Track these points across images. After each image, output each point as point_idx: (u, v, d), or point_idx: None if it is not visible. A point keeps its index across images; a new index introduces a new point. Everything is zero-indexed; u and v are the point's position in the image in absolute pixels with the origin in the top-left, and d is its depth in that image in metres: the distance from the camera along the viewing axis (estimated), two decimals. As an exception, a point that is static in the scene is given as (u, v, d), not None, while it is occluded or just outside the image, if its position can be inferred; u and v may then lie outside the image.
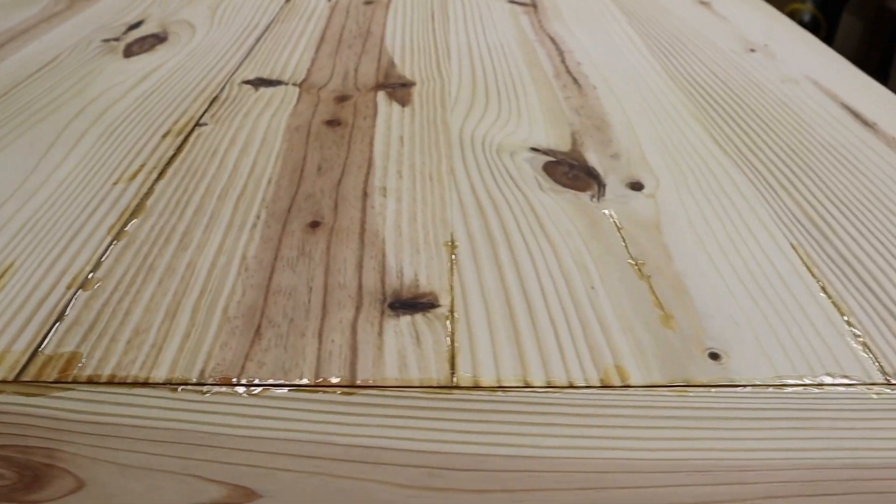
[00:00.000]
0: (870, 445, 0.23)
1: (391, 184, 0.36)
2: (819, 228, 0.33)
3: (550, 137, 0.40)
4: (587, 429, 0.24)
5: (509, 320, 0.28)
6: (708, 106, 0.44)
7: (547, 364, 0.26)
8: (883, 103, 0.45)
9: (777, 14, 0.60)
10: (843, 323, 0.28)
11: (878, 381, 0.25)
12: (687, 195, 0.35)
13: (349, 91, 0.45)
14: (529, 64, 0.49)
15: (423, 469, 0.23)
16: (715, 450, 0.23)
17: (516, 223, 0.33)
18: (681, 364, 0.26)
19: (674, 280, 0.30)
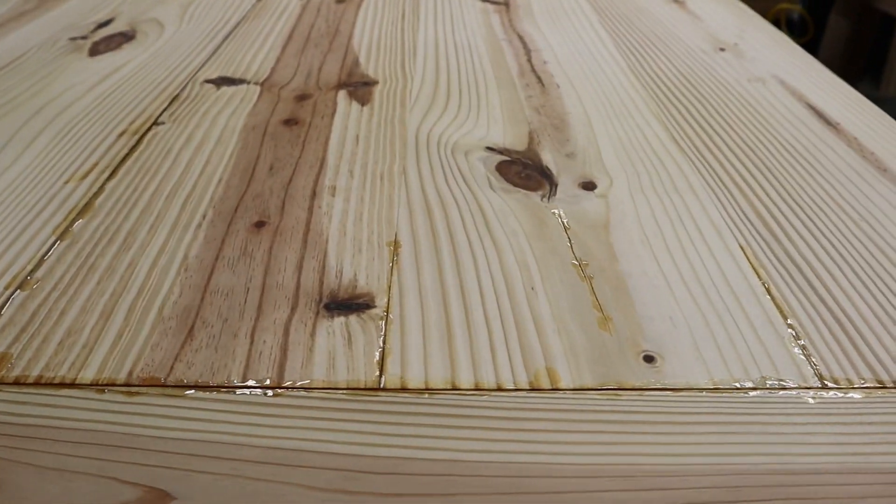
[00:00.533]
0: (799, 451, 0.23)
1: (341, 183, 0.36)
2: (770, 229, 0.33)
3: (507, 137, 0.40)
4: (510, 432, 0.23)
5: (444, 322, 0.27)
6: (671, 105, 0.44)
7: (477, 366, 0.26)
8: (849, 104, 0.44)
9: (750, 13, 0.59)
10: (785, 326, 0.27)
11: (815, 386, 0.25)
12: (639, 195, 0.35)
13: (310, 90, 0.45)
14: (495, 63, 0.49)
15: (341, 472, 0.22)
16: (639, 454, 0.23)
17: (462, 223, 0.33)
18: (614, 367, 0.25)
19: (616, 281, 0.29)
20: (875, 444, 0.23)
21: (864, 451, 0.23)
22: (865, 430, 0.24)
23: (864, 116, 0.43)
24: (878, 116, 0.43)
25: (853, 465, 0.23)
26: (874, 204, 0.35)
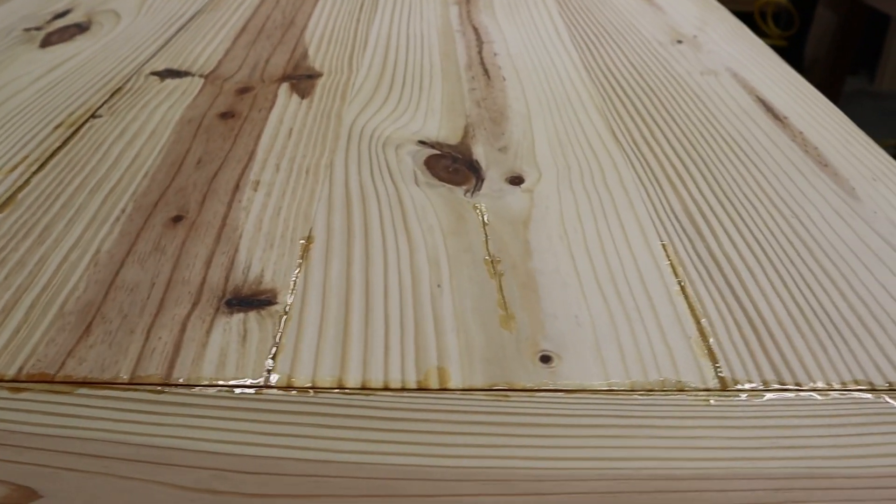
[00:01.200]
0: (685, 455, 0.22)
1: (266, 177, 0.35)
2: (696, 225, 0.32)
3: (442, 130, 0.39)
4: (390, 433, 0.23)
5: (343, 319, 0.27)
6: (617, 98, 0.43)
7: (368, 365, 0.25)
8: (801, 98, 0.43)
9: (715, 5, 0.58)
10: (695, 326, 0.27)
11: (714, 388, 0.24)
12: (567, 190, 0.34)
13: (253, 83, 0.44)
14: (444, 55, 0.48)
15: (211, 471, 0.22)
16: (518, 458, 0.22)
17: (380, 218, 0.32)
18: (507, 367, 0.25)
19: (526, 278, 0.29)
20: (764, 449, 0.22)
21: (753, 456, 0.22)
22: (757, 434, 0.23)
23: (814, 110, 0.42)
24: (829, 111, 0.42)
25: (739, 470, 0.22)
26: (808, 199, 0.34)
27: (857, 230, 0.32)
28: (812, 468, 0.22)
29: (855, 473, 0.22)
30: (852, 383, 0.25)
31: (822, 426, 0.23)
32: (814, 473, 0.22)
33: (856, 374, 0.25)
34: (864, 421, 0.24)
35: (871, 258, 0.31)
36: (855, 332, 0.27)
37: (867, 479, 0.22)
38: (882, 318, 0.28)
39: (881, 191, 0.35)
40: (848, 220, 0.33)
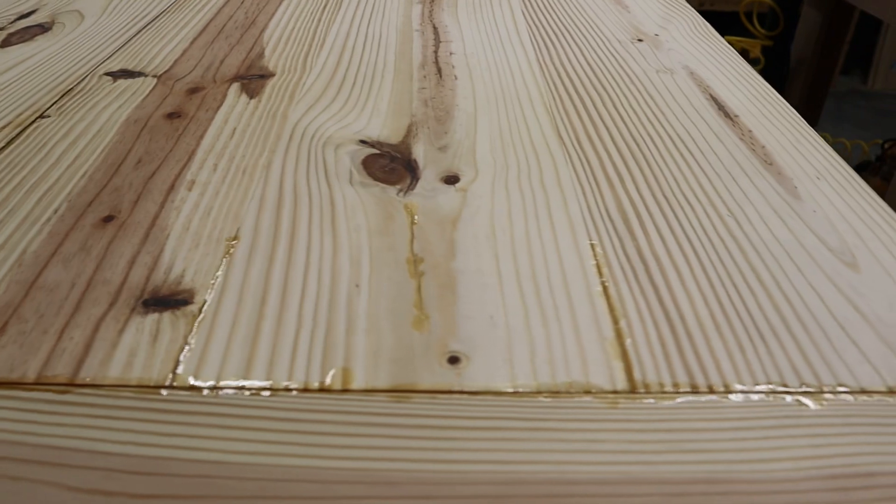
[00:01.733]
0: (583, 458, 0.22)
1: (202, 177, 0.35)
2: (629, 225, 0.32)
3: (385, 129, 0.39)
4: (286, 434, 0.22)
5: (255, 319, 0.27)
6: (567, 97, 0.42)
7: (274, 365, 0.25)
8: (755, 96, 0.43)
9: (682, 4, 0.58)
10: (612, 327, 0.26)
11: (623, 391, 0.24)
12: (501, 189, 0.34)
13: (205, 83, 0.44)
14: (400, 54, 0.48)
15: (102, 472, 0.22)
16: (409, 460, 0.22)
17: (309, 218, 0.32)
18: (413, 368, 0.25)
19: (446, 278, 0.28)
20: (666, 453, 0.22)
21: (653, 460, 0.22)
22: (661, 438, 0.22)
23: (767, 109, 0.41)
24: (782, 110, 0.41)
25: (636, 474, 0.21)
26: (748, 198, 0.34)
27: (793, 229, 0.32)
28: (712, 472, 0.21)
29: (756, 478, 0.21)
30: (766, 386, 0.24)
31: (728, 429, 0.23)
32: (713, 478, 0.21)
33: (771, 377, 0.25)
34: (773, 424, 0.23)
35: (804, 258, 0.30)
36: (776, 334, 0.26)
37: (768, 483, 0.21)
38: (806, 319, 0.27)
39: (824, 189, 0.35)
40: (785, 220, 0.32)
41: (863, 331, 0.27)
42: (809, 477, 0.22)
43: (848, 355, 0.26)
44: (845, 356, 0.26)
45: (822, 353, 0.26)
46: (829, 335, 0.27)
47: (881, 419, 0.24)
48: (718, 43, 0.50)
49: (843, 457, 0.22)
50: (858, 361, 0.26)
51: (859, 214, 0.33)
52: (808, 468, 0.22)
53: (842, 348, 0.26)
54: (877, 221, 0.33)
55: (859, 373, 0.25)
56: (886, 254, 0.31)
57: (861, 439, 0.23)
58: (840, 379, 0.25)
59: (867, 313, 0.28)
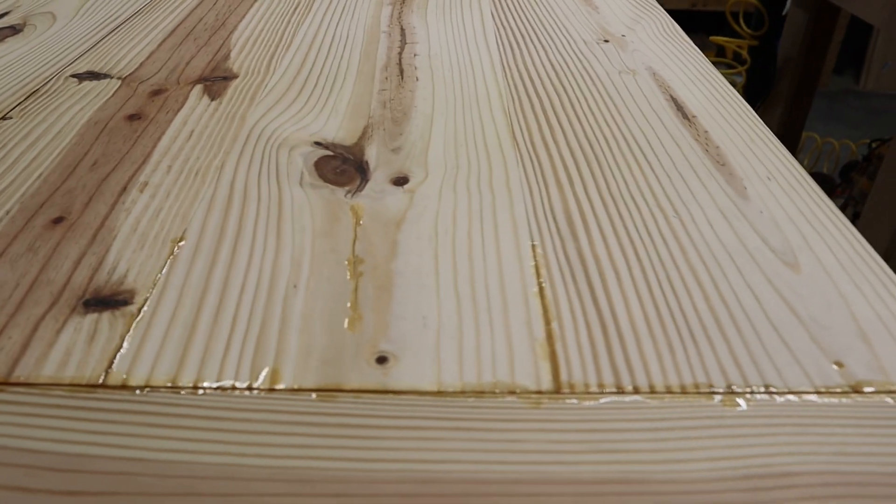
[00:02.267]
0: (501, 458, 0.22)
1: (155, 179, 0.35)
2: (573, 227, 0.32)
3: (341, 131, 0.39)
4: (208, 432, 0.23)
5: (192, 319, 0.27)
6: (527, 99, 0.42)
7: (205, 365, 0.25)
8: (715, 98, 0.43)
9: (652, 5, 0.58)
10: (543, 328, 0.26)
11: (547, 391, 0.24)
12: (449, 191, 0.34)
13: (168, 85, 0.44)
14: (365, 56, 0.48)
15: (24, 469, 0.22)
16: (326, 458, 0.22)
17: (255, 219, 0.32)
18: (342, 368, 0.25)
19: (384, 279, 0.29)
20: (584, 453, 0.22)
21: (571, 460, 0.22)
22: (580, 438, 0.23)
23: (726, 110, 0.41)
24: (741, 111, 0.41)
25: (552, 474, 0.22)
26: (695, 199, 0.34)
27: (737, 230, 0.32)
28: (627, 472, 0.22)
29: (671, 478, 0.22)
30: (692, 387, 0.25)
31: (649, 430, 0.23)
32: (628, 478, 0.22)
33: (698, 378, 0.25)
34: (695, 424, 0.23)
35: (745, 259, 0.30)
36: (708, 335, 0.26)
37: (683, 484, 0.21)
38: (740, 320, 0.27)
39: (773, 190, 0.35)
40: (731, 220, 0.33)
41: (796, 332, 0.27)
42: (725, 477, 0.22)
43: (778, 357, 0.26)
44: (776, 357, 0.26)
45: (753, 355, 0.26)
46: (761, 336, 0.27)
47: (804, 420, 0.24)
48: (684, 44, 0.50)
49: (761, 457, 0.22)
50: (788, 363, 0.26)
51: (806, 216, 0.33)
52: (725, 469, 0.22)
53: (773, 349, 0.26)
54: (823, 223, 0.33)
55: (788, 374, 0.25)
56: (829, 255, 0.31)
57: (782, 440, 0.23)
58: (767, 380, 0.25)
59: (802, 315, 0.28)
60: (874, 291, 0.29)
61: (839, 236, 0.32)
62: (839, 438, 0.23)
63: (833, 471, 0.22)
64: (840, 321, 0.27)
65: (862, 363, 0.26)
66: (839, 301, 0.28)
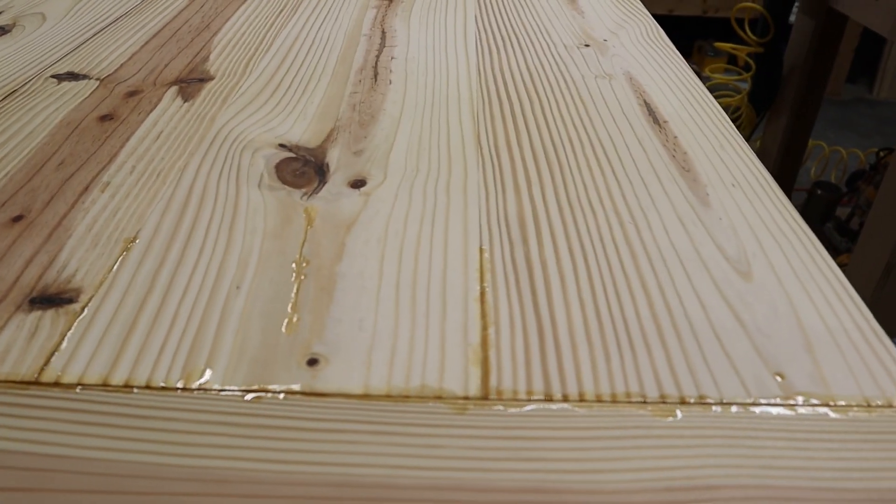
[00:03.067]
0: (419, 464, 0.22)
1: (118, 179, 0.36)
2: (524, 231, 0.31)
3: (307, 134, 0.39)
4: (132, 430, 0.23)
5: (132, 318, 0.27)
6: (497, 103, 0.42)
7: (139, 363, 0.25)
8: (690, 103, 0.42)
9: (640, 10, 0.57)
10: (479, 334, 0.26)
11: (475, 397, 0.24)
12: (405, 194, 0.34)
13: (145, 86, 0.45)
14: (342, 59, 0.48)
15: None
16: (245, 459, 0.22)
17: (209, 220, 0.32)
18: (272, 369, 0.25)
19: (327, 281, 0.29)
20: (504, 461, 0.22)
21: (489, 467, 0.22)
22: (502, 445, 0.22)
23: (699, 116, 0.41)
24: (715, 117, 0.41)
25: (469, 481, 0.21)
26: (654, 205, 0.33)
27: (693, 237, 0.31)
28: (544, 481, 0.21)
29: (589, 488, 0.21)
30: (623, 396, 0.24)
31: (573, 438, 0.23)
32: (543, 487, 0.21)
33: (631, 387, 0.24)
34: (622, 434, 0.23)
35: (697, 266, 0.30)
36: (647, 343, 0.26)
37: (600, 495, 0.21)
38: (682, 328, 0.27)
39: (736, 197, 0.34)
40: (688, 227, 0.32)
41: (739, 341, 0.26)
42: (646, 489, 0.21)
43: (717, 366, 0.25)
44: (714, 367, 0.25)
45: (690, 364, 0.25)
46: (702, 345, 0.26)
47: (736, 432, 0.23)
48: (666, 49, 0.49)
49: (686, 469, 0.22)
50: (726, 372, 0.25)
51: (766, 223, 0.33)
52: (647, 480, 0.22)
53: (712, 359, 0.26)
54: (783, 230, 0.32)
55: (724, 384, 0.25)
56: (784, 264, 0.30)
57: (709, 451, 0.23)
58: (702, 390, 0.25)
59: (748, 323, 0.27)
60: (826, 301, 0.29)
61: (798, 244, 0.31)
62: (770, 451, 0.23)
63: (758, 485, 0.22)
64: (786, 331, 0.27)
65: (804, 374, 0.25)
66: (788, 310, 0.28)
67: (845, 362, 0.26)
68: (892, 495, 0.22)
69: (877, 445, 0.23)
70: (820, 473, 0.22)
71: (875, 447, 0.23)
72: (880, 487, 0.22)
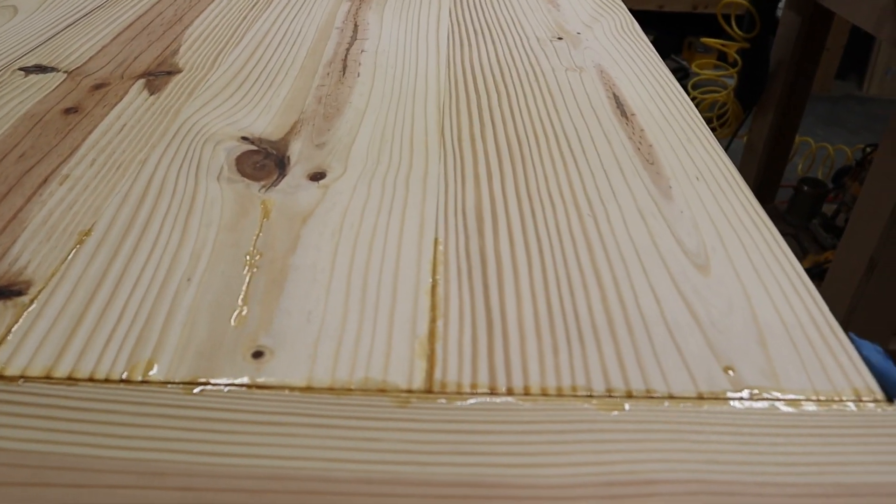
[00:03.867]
0: (355, 457, 0.21)
1: (77, 172, 0.35)
2: (481, 224, 0.31)
3: (271, 126, 0.39)
4: (67, 423, 0.22)
5: (81, 311, 0.27)
6: (463, 96, 0.42)
7: (83, 357, 0.25)
8: (659, 96, 0.42)
9: (615, 3, 0.57)
10: (427, 326, 0.26)
11: (418, 390, 0.24)
12: (363, 187, 0.33)
13: (112, 79, 0.45)
14: (312, 51, 0.48)
15: None
16: (181, 452, 0.22)
17: (166, 213, 0.32)
18: (217, 361, 0.24)
19: (279, 274, 0.28)
20: (443, 454, 0.22)
21: (428, 461, 0.22)
22: (443, 439, 0.22)
23: (668, 109, 0.41)
24: (683, 110, 0.41)
25: (405, 475, 0.21)
26: (615, 198, 0.33)
27: (652, 230, 0.31)
28: (482, 476, 0.21)
29: (526, 482, 0.21)
30: (569, 389, 0.24)
31: (515, 433, 0.22)
32: (480, 481, 0.21)
33: (577, 380, 0.24)
34: (564, 428, 0.23)
35: (654, 260, 0.30)
36: (597, 337, 0.26)
37: (537, 489, 0.21)
38: (635, 322, 0.27)
39: (699, 190, 0.34)
40: (648, 220, 0.32)
41: (691, 335, 0.26)
42: (585, 483, 0.21)
43: (667, 360, 0.25)
44: (664, 361, 0.25)
45: (640, 358, 0.25)
46: (653, 339, 0.26)
47: (681, 426, 0.23)
48: (639, 42, 0.49)
49: (627, 463, 0.22)
50: (676, 367, 0.25)
51: (728, 216, 0.32)
52: (588, 474, 0.21)
53: (662, 353, 0.25)
54: (744, 224, 0.32)
55: (673, 378, 0.25)
56: (744, 257, 0.30)
57: (653, 446, 0.22)
58: (650, 384, 0.24)
59: (702, 317, 0.27)
60: (782, 294, 0.28)
61: (758, 238, 0.31)
62: (714, 446, 0.23)
63: (700, 479, 0.21)
64: (740, 325, 0.27)
65: (755, 369, 0.25)
66: (744, 304, 0.28)
67: (798, 357, 0.26)
68: (835, 489, 0.22)
69: (823, 440, 0.23)
70: (763, 468, 0.22)
71: (821, 441, 0.23)
72: (823, 482, 0.22)
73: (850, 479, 0.22)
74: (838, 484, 0.22)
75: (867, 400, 0.24)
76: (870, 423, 0.24)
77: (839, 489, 0.21)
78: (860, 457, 0.22)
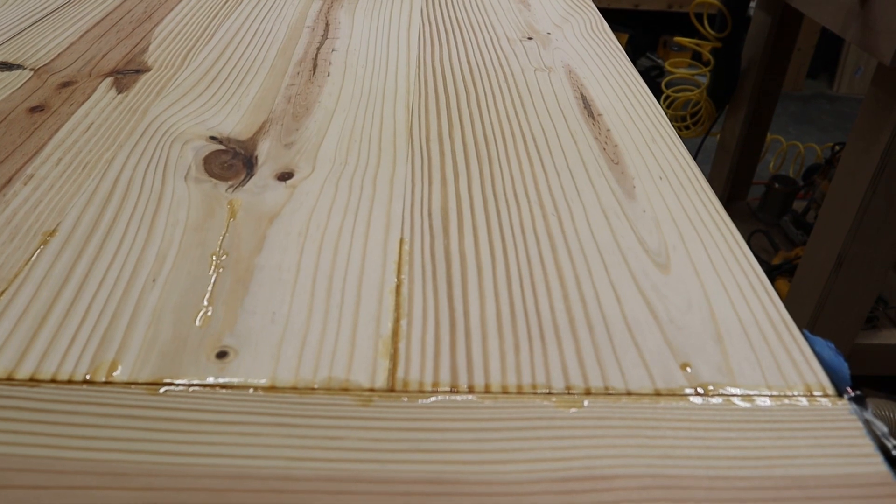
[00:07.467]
0: (319, 455, 0.22)
1: (42, 171, 0.35)
2: (447, 224, 0.31)
3: (240, 126, 0.39)
4: (32, 424, 0.23)
5: (44, 313, 0.27)
6: (432, 96, 0.42)
7: (46, 359, 0.25)
8: (626, 97, 0.43)
9: (586, 3, 0.57)
10: (391, 325, 0.26)
11: (381, 389, 0.24)
12: (330, 187, 0.34)
13: (80, 77, 0.44)
14: (283, 50, 0.48)
15: None
16: (143, 452, 0.22)
17: (132, 213, 0.32)
18: (180, 362, 0.25)
19: (244, 274, 0.28)
20: (404, 452, 0.22)
21: (390, 459, 0.22)
22: (404, 437, 0.23)
23: (635, 109, 0.41)
24: (650, 110, 0.41)
25: (367, 473, 0.21)
26: (580, 198, 0.34)
27: (615, 229, 0.32)
28: (440, 472, 0.22)
29: (483, 479, 0.21)
30: (529, 387, 0.24)
31: (474, 430, 0.23)
32: (439, 478, 0.21)
33: (538, 378, 0.25)
34: (522, 426, 0.23)
35: (615, 258, 0.30)
36: (558, 335, 0.26)
37: (494, 485, 0.21)
38: (595, 320, 0.27)
39: (662, 190, 0.35)
40: (611, 219, 0.32)
41: (650, 333, 0.27)
42: (541, 479, 0.22)
43: (626, 357, 0.26)
44: (623, 358, 0.26)
45: (599, 355, 0.26)
46: (613, 337, 0.27)
47: (637, 422, 0.24)
48: (609, 42, 0.50)
49: (584, 459, 0.22)
50: (634, 364, 0.26)
51: (689, 215, 0.33)
52: (544, 471, 0.22)
53: (622, 351, 0.26)
54: (705, 223, 0.33)
55: (631, 375, 0.25)
56: (704, 256, 0.31)
57: (610, 442, 0.23)
58: (608, 381, 0.25)
59: (661, 315, 0.28)
60: (740, 292, 0.29)
61: (718, 236, 0.32)
62: (669, 441, 0.23)
63: (654, 474, 0.22)
64: (698, 322, 0.27)
65: (711, 365, 0.26)
66: (702, 302, 0.28)
67: (753, 353, 0.26)
68: (785, 482, 0.22)
69: (775, 434, 0.24)
70: (716, 462, 0.23)
71: (773, 435, 0.24)
72: (773, 475, 0.22)
73: (798, 471, 0.22)
74: (787, 476, 0.22)
75: (818, 395, 0.25)
76: (820, 417, 0.24)
77: (787, 482, 0.22)
78: (809, 450, 0.23)
